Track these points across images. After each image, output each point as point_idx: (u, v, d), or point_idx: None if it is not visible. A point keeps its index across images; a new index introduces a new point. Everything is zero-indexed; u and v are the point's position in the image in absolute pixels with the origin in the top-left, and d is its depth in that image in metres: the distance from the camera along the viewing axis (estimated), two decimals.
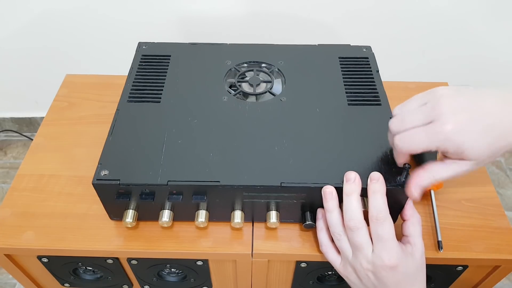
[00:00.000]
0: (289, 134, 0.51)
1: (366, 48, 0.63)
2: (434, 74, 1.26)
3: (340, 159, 0.48)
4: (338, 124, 0.52)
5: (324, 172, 0.47)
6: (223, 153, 0.49)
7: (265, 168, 0.47)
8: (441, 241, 0.50)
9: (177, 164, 0.47)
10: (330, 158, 0.48)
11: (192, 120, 0.52)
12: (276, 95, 0.56)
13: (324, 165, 0.48)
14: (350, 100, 0.55)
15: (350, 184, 0.44)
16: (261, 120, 0.53)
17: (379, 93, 0.56)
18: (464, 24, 1.15)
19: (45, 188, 0.56)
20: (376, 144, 0.49)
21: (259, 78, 0.58)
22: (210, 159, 0.48)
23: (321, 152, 0.49)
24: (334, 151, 0.49)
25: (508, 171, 1.37)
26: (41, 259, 0.53)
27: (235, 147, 0.49)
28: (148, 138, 0.50)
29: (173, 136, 0.50)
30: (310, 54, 0.62)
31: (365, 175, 0.45)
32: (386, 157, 0.48)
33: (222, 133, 0.51)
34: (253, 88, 0.57)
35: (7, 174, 1.38)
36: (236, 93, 0.56)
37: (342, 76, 0.59)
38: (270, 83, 0.58)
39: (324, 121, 0.53)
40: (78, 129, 0.64)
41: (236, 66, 0.60)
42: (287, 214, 0.51)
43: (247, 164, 0.48)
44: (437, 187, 0.55)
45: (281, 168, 0.47)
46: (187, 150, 0.49)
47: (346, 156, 0.48)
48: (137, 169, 0.47)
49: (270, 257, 0.52)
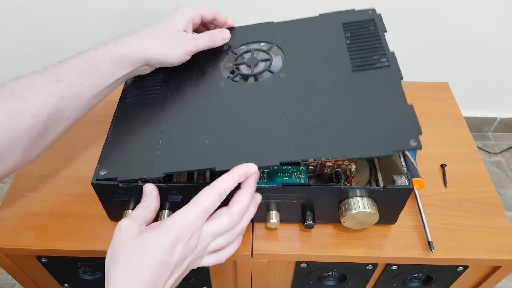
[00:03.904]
0: (288, 111, 0.47)
1: (372, 10, 0.57)
2: (434, 74, 1.26)
3: (344, 130, 0.44)
4: (342, 93, 0.48)
5: (326, 145, 0.43)
6: (219, 139, 0.47)
7: (263, 148, 0.45)
8: (431, 241, 0.50)
9: (173, 156, 0.46)
10: (334, 129, 0.44)
11: (189, 109, 0.51)
12: (274, 72, 0.53)
13: (327, 138, 0.44)
14: (355, 66, 0.50)
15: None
16: (258, 101, 0.50)
17: (387, 54, 0.51)
18: (465, 24, 1.14)
19: (44, 188, 0.56)
20: (386, 109, 0.45)
21: (257, 58, 0.55)
22: (206, 147, 0.46)
23: (323, 125, 0.45)
24: (337, 122, 0.45)
25: (508, 171, 1.37)
26: (40, 259, 0.53)
27: (231, 131, 0.47)
28: (146, 133, 0.50)
29: (170, 128, 0.49)
30: (311, 26, 0.58)
31: (374, 143, 0.42)
32: (397, 122, 0.44)
33: (218, 118, 0.49)
34: (251, 69, 0.54)
35: None
36: (234, 76, 0.54)
37: (346, 42, 0.53)
38: (269, 61, 0.54)
39: (326, 92, 0.48)
40: (78, 129, 0.63)
41: (233, 49, 0.58)
42: (287, 214, 0.51)
43: (243, 146, 0.45)
44: (420, 186, 0.55)
45: (279, 147, 0.44)
46: (183, 141, 0.48)
47: (351, 126, 0.44)
48: (135, 166, 0.46)
49: (270, 258, 0.52)
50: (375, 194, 0.47)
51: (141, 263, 0.36)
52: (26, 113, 0.42)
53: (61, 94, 0.45)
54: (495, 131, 1.48)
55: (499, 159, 1.41)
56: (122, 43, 0.49)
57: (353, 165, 0.53)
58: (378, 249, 0.51)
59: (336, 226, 0.53)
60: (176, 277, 0.38)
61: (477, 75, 1.28)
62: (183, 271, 0.39)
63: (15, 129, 0.42)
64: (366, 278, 0.57)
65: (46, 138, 0.46)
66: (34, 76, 0.45)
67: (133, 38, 0.50)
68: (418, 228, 0.53)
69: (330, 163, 0.53)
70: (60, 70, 0.46)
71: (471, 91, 1.30)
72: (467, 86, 1.28)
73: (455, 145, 0.63)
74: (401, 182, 0.48)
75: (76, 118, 0.48)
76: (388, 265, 0.53)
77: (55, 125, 0.46)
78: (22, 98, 0.43)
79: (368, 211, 0.46)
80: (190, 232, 0.38)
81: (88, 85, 0.47)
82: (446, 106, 0.69)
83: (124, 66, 0.49)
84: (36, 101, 0.43)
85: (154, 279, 0.36)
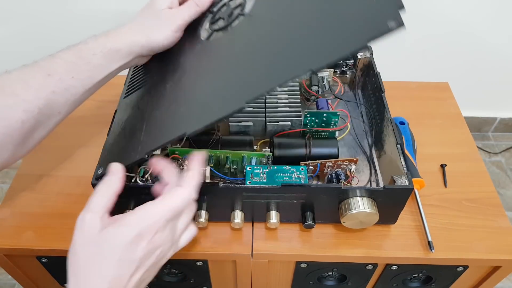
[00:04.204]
0: (257, 47, 0.44)
1: None
2: (434, 74, 1.26)
3: (310, 40, 0.39)
4: (308, 5, 0.43)
5: (290, 66, 0.39)
6: (191, 102, 0.44)
7: (229, 94, 0.42)
8: (431, 241, 0.50)
9: (153, 135, 0.45)
10: (298, 46, 0.40)
11: (170, 85, 0.49)
12: (245, 14, 0.50)
13: (291, 58, 0.39)
14: None
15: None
16: (229, 48, 0.47)
17: None
18: (464, 24, 1.14)
19: (44, 188, 0.56)
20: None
21: (231, 7, 0.52)
22: (181, 115, 0.44)
23: (288, 47, 0.40)
24: (303, 35, 0.40)
25: (508, 171, 1.37)
26: (40, 260, 0.53)
27: (201, 90, 0.45)
28: (135, 123, 0.49)
29: (153, 109, 0.48)
30: None
31: (343, 39, 0.36)
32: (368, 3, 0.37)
33: (192, 81, 0.47)
34: (225, 20, 0.51)
35: (6, 174, 1.38)
36: (209, 36, 0.51)
37: None
38: (240, 6, 0.51)
39: (293, 11, 0.44)
40: (77, 129, 0.64)
41: (209, 12, 0.54)
42: (287, 214, 0.51)
43: (209, 101, 0.43)
44: (420, 186, 0.55)
45: (245, 87, 0.41)
46: (163, 117, 0.46)
47: (317, 32, 0.39)
48: (124, 156, 0.46)
49: (270, 258, 0.52)
50: (375, 194, 0.47)
51: (102, 262, 0.35)
52: (17, 108, 0.42)
53: (52, 89, 0.44)
54: (495, 131, 1.48)
55: (499, 159, 1.41)
56: (111, 36, 0.48)
57: (353, 165, 0.53)
58: (378, 249, 0.51)
59: (336, 226, 0.53)
60: (143, 271, 0.37)
61: (477, 75, 1.28)
62: (154, 263, 0.38)
63: (6, 125, 0.41)
64: (366, 278, 0.57)
65: (37, 133, 0.45)
66: (25, 71, 0.44)
67: (122, 30, 0.49)
68: (418, 228, 0.53)
69: (330, 163, 0.53)
70: (51, 64, 0.45)
71: (471, 91, 1.30)
72: (467, 86, 1.28)
73: (455, 145, 0.63)
74: (401, 182, 0.48)
75: (68, 112, 0.48)
76: (388, 265, 0.53)
77: (47, 119, 0.45)
78: (13, 93, 0.42)
79: (368, 211, 0.46)
80: (154, 229, 0.37)
81: (79, 79, 0.46)
82: (446, 106, 0.69)
83: (115, 59, 0.48)
84: (27, 96, 0.43)
85: (118, 277, 0.35)
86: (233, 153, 0.53)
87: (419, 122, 0.65)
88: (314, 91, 0.64)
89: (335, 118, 0.57)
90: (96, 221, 0.37)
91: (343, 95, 0.65)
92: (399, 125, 0.60)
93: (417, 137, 0.60)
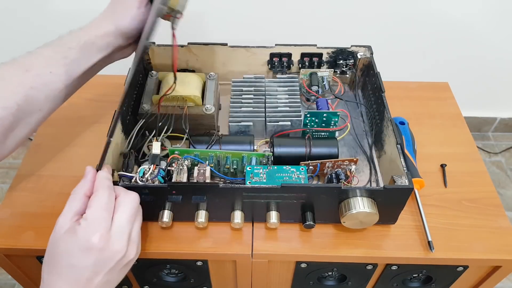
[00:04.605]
0: None
1: None
2: (434, 74, 1.26)
3: None
4: None
5: None
6: None
7: None
8: (431, 241, 0.50)
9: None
10: None
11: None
12: None
13: None
14: None
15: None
16: None
17: None
18: (464, 24, 1.14)
19: (44, 188, 0.56)
20: None
21: None
22: None
23: None
24: None
25: (508, 171, 1.37)
26: (40, 259, 0.53)
27: None
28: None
29: None
30: None
31: None
32: None
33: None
34: None
35: (6, 174, 1.38)
36: None
37: None
38: None
39: None
40: (78, 129, 0.64)
41: None
42: (287, 214, 0.51)
43: None
44: (420, 186, 0.55)
45: None
46: None
47: None
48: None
49: (270, 258, 0.52)
50: (375, 194, 0.47)
51: (61, 264, 0.38)
52: None
53: (30, 84, 0.44)
54: (495, 131, 1.48)
55: (499, 159, 1.41)
56: (85, 29, 0.48)
57: (353, 165, 0.53)
58: (378, 249, 0.51)
59: (336, 226, 0.53)
60: (102, 274, 0.38)
61: (477, 75, 1.28)
62: (114, 266, 0.39)
63: None
64: (366, 278, 0.57)
65: (18, 131, 0.45)
66: (2, 67, 0.44)
67: (95, 22, 0.49)
68: (418, 228, 0.53)
69: (330, 163, 0.53)
70: (29, 59, 0.45)
71: (471, 91, 1.30)
72: (467, 86, 1.28)
73: (455, 145, 0.63)
74: (401, 182, 0.48)
75: (50, 110, 0.47)
76: (388, 265, 0.53)
77: (27, 117, 0.45)
78: None
79: (368, 211, 0.46)
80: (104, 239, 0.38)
81: (57, 74, 0.46)
82: (446, 106, 0.69)
83: (92, 52, 0.48)
84: (4, 92, 0.42)
85: (74, 281, 0.38)
86: (233, 153, 0.53)
87: (419, 122, 0.65)
88: (314, 91, 0.64)
89: (335, 118, 0.57)
90: (65, 223, 0.39)
91: (343, 95, 0.65)
92: (399, 125, 0.60)
93: (417, 137, 0.60)
